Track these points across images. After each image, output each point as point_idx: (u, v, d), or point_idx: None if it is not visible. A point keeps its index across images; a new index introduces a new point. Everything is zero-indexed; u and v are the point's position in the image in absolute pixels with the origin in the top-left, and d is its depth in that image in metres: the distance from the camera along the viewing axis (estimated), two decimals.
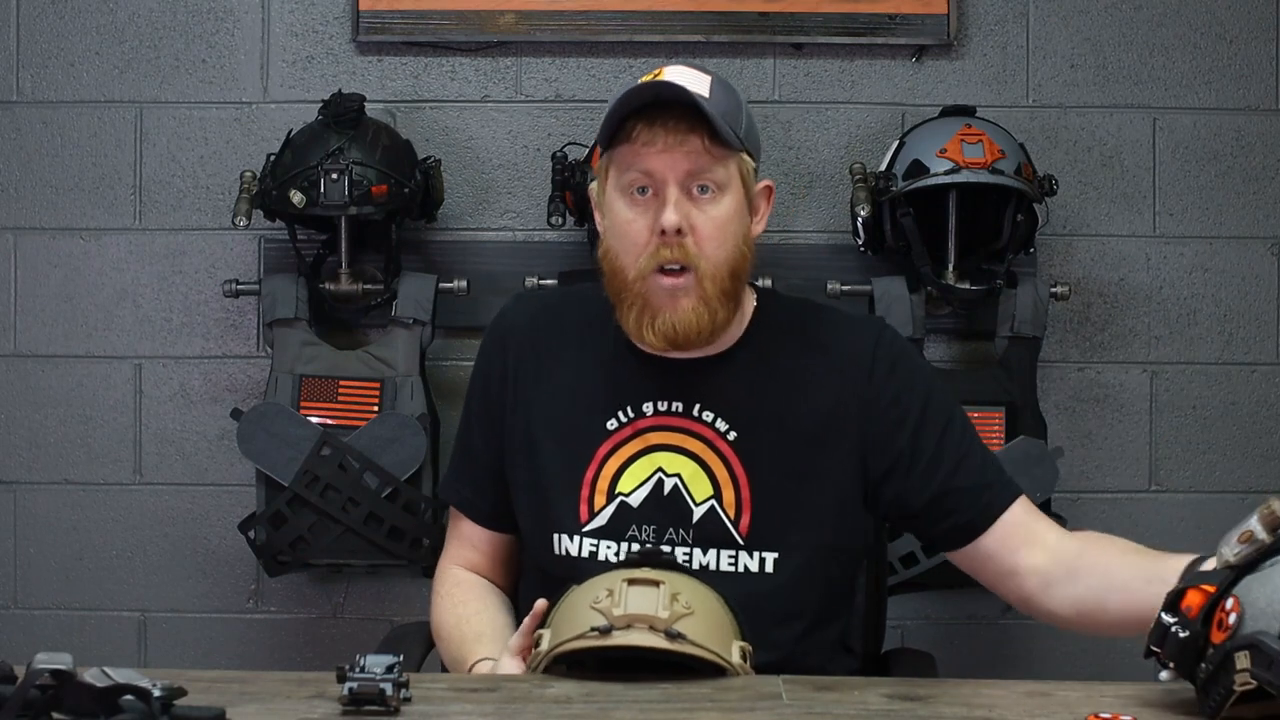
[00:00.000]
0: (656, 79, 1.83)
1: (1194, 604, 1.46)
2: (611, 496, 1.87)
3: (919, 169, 2.80)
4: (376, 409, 2.86)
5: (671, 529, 1.85)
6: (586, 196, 2.18)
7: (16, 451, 3.09)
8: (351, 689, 1.46)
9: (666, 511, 1.85)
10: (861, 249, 2.91)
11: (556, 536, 1.88)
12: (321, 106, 2.87)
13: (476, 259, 3.03)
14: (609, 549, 1.87)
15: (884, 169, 2.86)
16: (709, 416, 1.88)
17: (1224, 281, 3.07)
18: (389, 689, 1.45)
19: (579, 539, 1.87)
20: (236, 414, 2.84)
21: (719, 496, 1.86)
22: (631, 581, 1.55)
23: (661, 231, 1.80)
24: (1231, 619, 1.41)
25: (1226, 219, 3.06)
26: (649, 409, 1.89)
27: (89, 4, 3.07)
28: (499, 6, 3.02)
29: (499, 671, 1.73)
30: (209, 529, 3.07)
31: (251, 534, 2.85)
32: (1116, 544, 1.84)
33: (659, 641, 1.52)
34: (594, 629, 1.53)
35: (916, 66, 3.05)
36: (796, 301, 2.06)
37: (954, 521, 1.87)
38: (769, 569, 1.86)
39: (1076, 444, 3.03)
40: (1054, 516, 2.78)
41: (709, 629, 1.56)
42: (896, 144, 2.87)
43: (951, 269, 2.85)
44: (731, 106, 1.84)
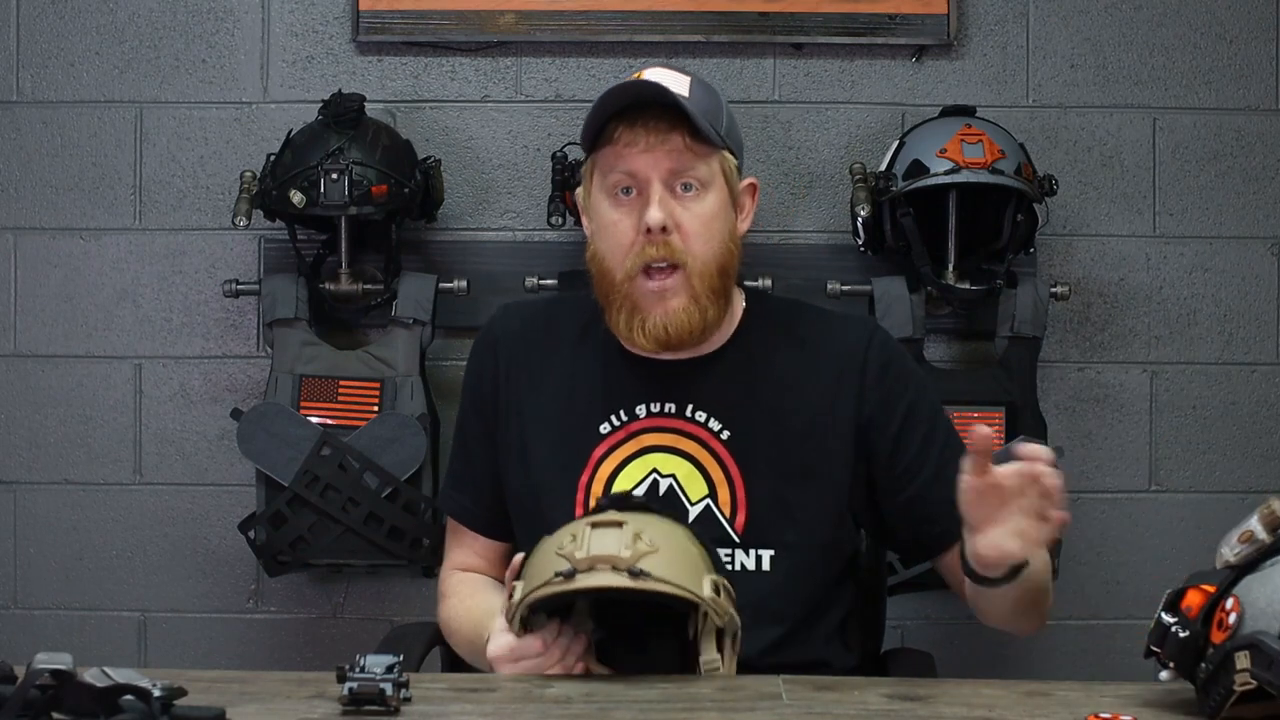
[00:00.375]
0: (636, 80, 1.84)
1: (1194, 604, 1.46)
2: None
3: (919, 169, 2.80)
4: (376, 409, 2.86)
5: None
6: None
7: (16, 451, 3.09)
8: (351, 689, 1.46)
9: None
10: (861, 249, 2.90)
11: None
12: (321, 106, 2.87)
13: (476, 259, 3.03)
14: None
15: (884, 169, 2.86)
16: (702, 416, 1.88)
17: (1224, 281, 3.06)
18: (389, 689, 1.46)
19: None
20: (236, 414, 2.84)
21: (714, 496, 1.87)
22: (595, 525, 1.56)
23: (647, 230, 1.81)
24: (1231, 619, 1.41)
25: (1226, 219, 3.06)
26: (642, 411, 1.89)
27: (89, 4, 3.07)
28: (499, 6, 3.02)
29: (494, 635, 1.69)
30: (209, 529, 3.07)
31: (251, 534, 2.85)
32: None
33: (622, 581, 1.52)
34: (558, 574, 1.54)
35: (916, 66, 3.05)
36: (786, 301, 2.07)
37: (930, 530, 1.87)
38: (765, 566, 1.86)
39: (1076, 444, 3.03)
40: None
41: (675, 564, 1.56)
42: (896, 144, 2.87)
43: (951, 269, 2.84)
44: (712, 105, 1.86)
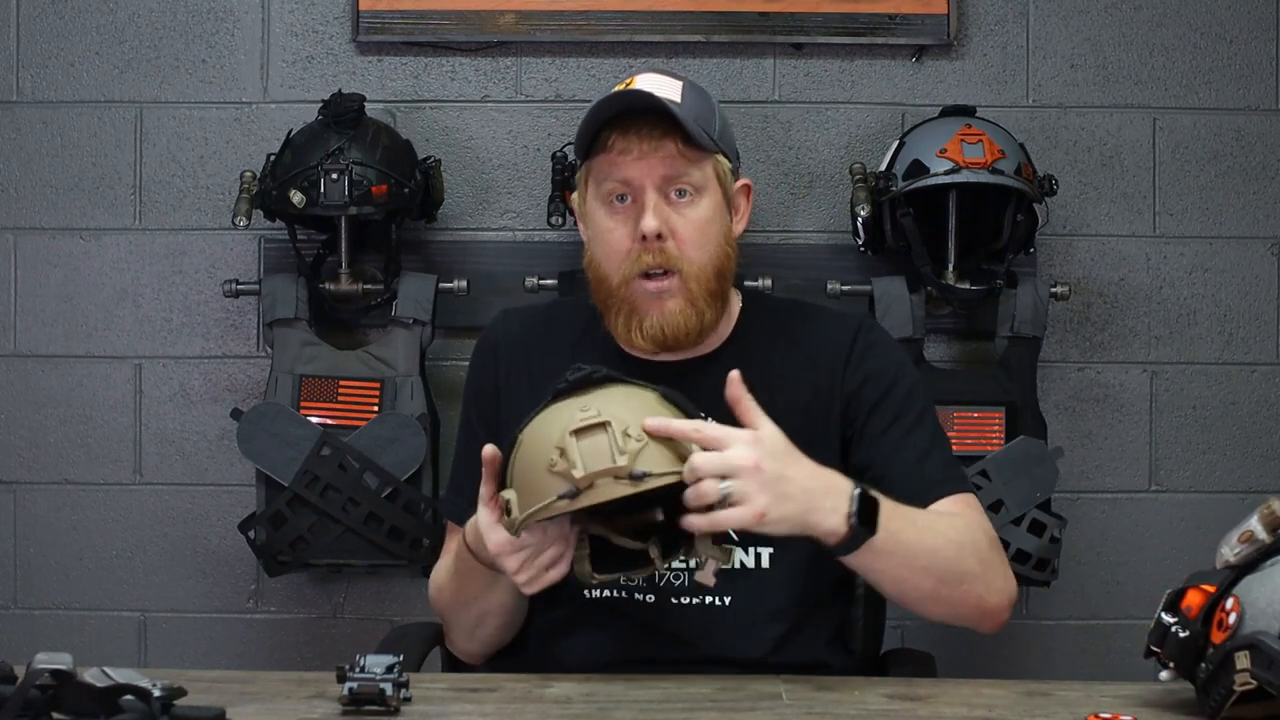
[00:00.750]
0: (628, 88, 1.84)
1: (1194, 604, 1.46)
2: None
3: (919, 169, 2.79)
4: (376, 409, 2.86)
5: None
6: None
7: (16, 451, 3.09)
8: (351, 689, 1.46)
9: None
10: (861, 249, 2.90)
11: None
12: (321, 106, 2.87)
13: (476, 259, 3.03)
14: None
15: (884, 169, 2.86)
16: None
17: (1224, 281, 3.06)
18: (389, 689, 1.46)
19: None
20: (236, 414, 2.84)
21: None
22: (577, 433, 1.57)
23: (642, 237, 1.81)
24: (1231, 619, 1.41)
25: (1226, 219, 3.06)
26: None
27: (89, 4, 3.07)
28: (499, 6, 3.01)
29: (486, 530, 1.67)
30: (209, 529, 3.07)
31: (251, 534, 2.85)
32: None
33: (626, 489, 1.56)
34: (561, 497, 1.56)
35: (916, 66, 3.05)
36: (783, 301, 2.06)
37: None
38: (765, 564, 1.86)
39: (1076, 444, 3.03)
40: (1054, 517, 2.80)
41: (666, 446, 1.58)
42: (896, 144, 2.87)
43: (951, 269, 2.84)
44: (704, 110, 1.86)
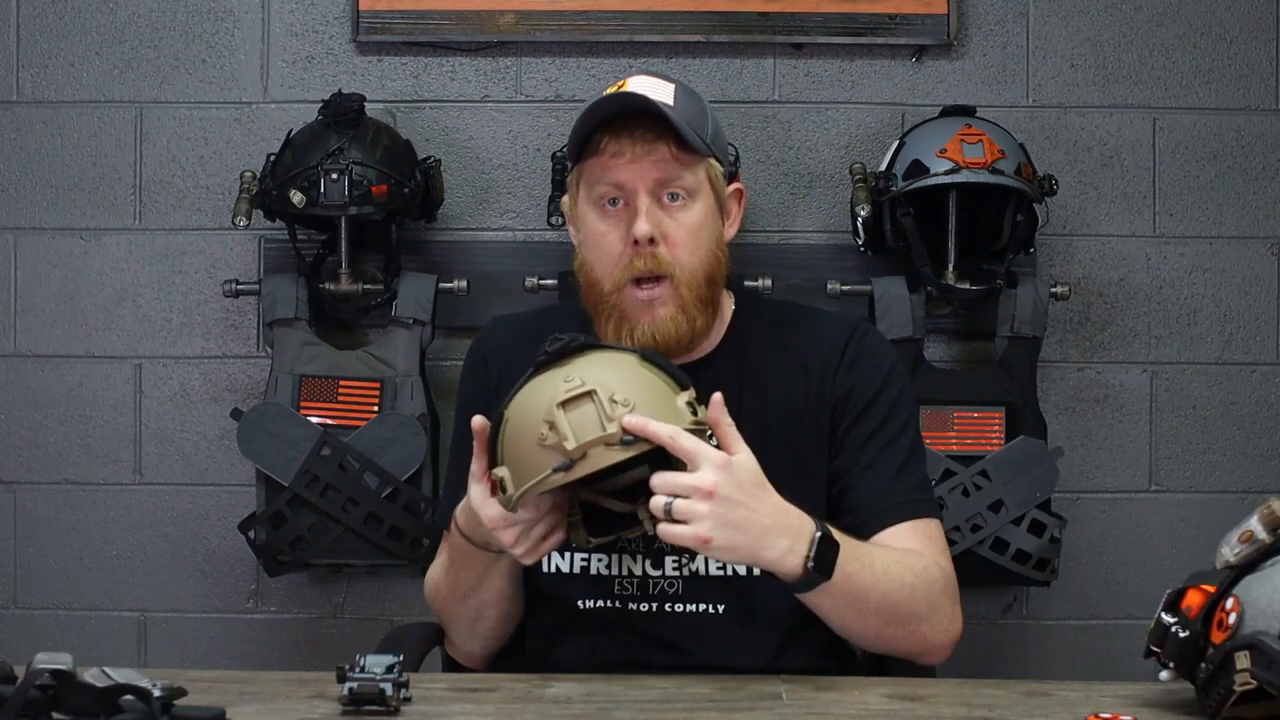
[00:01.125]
0: (620, 90, 1.83)
1: (1194, 604, 1.46)
2: None
3: (919, 169, 2.79)
4: (376, 409, 2.86)
5: None
6: None
7: (16, 451, 3.08)
8: (351, 689, 1.46)
9: None
10: (861, 249, 2.90)
11: (545, 555, 1.86)
12: (321, 106, 2.87)
13: (476, 259, 3.03)
14: (599, 562, 1.86)
15: (884, 169, 2.86)
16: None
17: (1224, 281, 3.06)
18: (389, 689, 1.46)
19: (568, 555, 1.87)
20: (236, 414, 2.84)
21: None
22: (564, 405, 1.58)
23: (635, 241, 1.81)
24: (1231, 619, 1.41)
25: (1226, 219, 3.06)
26: None
27: (89, 4, 3.07)
28: (499, 6, 3.01)
29: (480, 505, 1.68)
30: (209, 529, 3.07)
31: (251, 534, 2.85)
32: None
33: (619, 454, 1.57)
34: (556, 470, 1.57)
35: (916, 66, 3.05)
36: (777, 304, 2.05)
37: (849, 521, 1.83)
38: (758, 571, 1.85)
39: (1076, 444, 3.03)
40: (1054, 517, 2.80)
41: (651, 408, 1.59)
42: (896, 144, 2.87)
43: (951, 269, 2.84)
44: (696, 113, 1.85)
